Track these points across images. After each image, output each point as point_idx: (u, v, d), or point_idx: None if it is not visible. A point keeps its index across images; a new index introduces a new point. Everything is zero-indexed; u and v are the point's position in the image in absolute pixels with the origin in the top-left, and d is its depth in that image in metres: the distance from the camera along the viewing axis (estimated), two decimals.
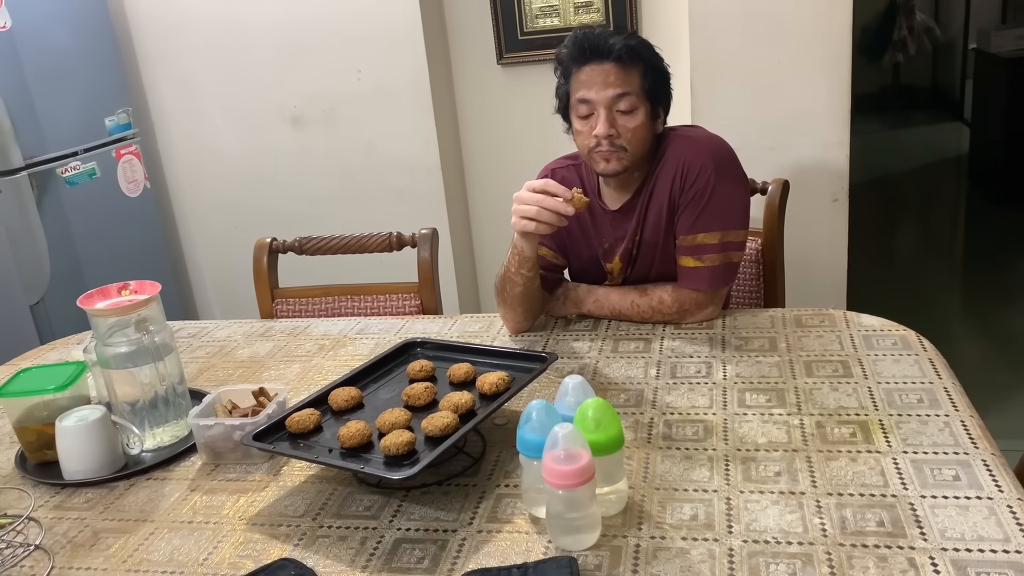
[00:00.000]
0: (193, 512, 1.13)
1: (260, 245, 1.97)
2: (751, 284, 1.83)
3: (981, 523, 0.93)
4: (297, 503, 1.12)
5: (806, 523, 0.97)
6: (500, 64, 2.81)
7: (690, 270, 1.51)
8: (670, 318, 1.53)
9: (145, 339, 1.27)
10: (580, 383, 1.07)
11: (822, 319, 1.49)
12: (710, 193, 1.47)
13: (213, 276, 3.26)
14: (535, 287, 1.52)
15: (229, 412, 1.29)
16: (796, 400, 1.24)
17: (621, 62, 1.44)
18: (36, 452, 1.28)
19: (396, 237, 1.92)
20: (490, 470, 1.14)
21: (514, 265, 1.49)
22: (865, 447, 1.10)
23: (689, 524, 0.99)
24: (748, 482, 1.05)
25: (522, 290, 1.51)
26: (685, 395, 1.29)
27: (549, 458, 0.94)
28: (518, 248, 1.47)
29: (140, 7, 2.95)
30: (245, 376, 1.55)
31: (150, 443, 1.30)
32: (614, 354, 1.45)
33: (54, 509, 1.17)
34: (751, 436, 1.15)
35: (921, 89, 7.19)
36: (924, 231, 4.79)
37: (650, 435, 1.19)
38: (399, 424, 1.14)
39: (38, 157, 2.59)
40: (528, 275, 1.49)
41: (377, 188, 2.89)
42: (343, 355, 1.59)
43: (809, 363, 1.34)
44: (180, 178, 3.15)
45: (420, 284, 1.90)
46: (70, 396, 1.29)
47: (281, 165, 2.97)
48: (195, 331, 1.80)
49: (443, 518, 1.05)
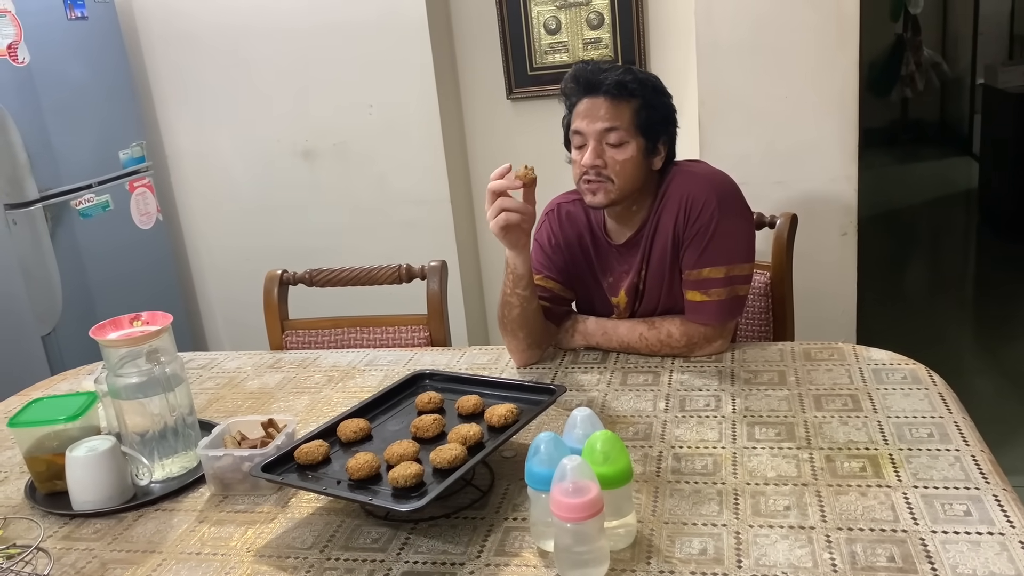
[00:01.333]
0: (201, 543, 1.13)
1: (271, 277, 1.99)
2: (760, 317, 1.83)
3: (993, 559, 0.92)
4: (305, 535, 1.12)
5: (816, 558, 0.96)
6: (509, 99, 2.84)
7: (697, 304, 1.51)
8: (679, 351, 1.53)
9: (156, 370, 1.27)
10: (588, 416, 1.07)
11: (831, 353, 1.49)
12: (714, 228, 1.48)
13: (223, 308, 3.28)
14: (533, 308, 1.52)
15: (238, 443, 1.29)
16: (806, 434, 1.23)
17: (612, 96, 1.46)
18: (46, 482, 1.28)
19: (406, 269, 1.93)
20: (498, 503, 1.14)
21: (509, 285, 1.51)
22: (875, 481, 1.09)
23: (698, 558, 0.98)
24: (757, 516, 1.05)
25: (519, 312, 1.51)
26: (694, 428, 1.28)
27: (557, 491, 0.94)
28: (510, 265, 1.48)
29: (154, 42, 3.01)
30: (254, 407, 1.55)
31: (159, 474, 1.30)
32: (623, 387, 1.45)
33: (63, 540, 1.17)
34: (760, 470, 1.15)
35: (929, 124, 7.22)
36: (933, 265, 4.78)
37: (659, 469, 1.18)
38: (407, 456, 1.14)
39: (53, 189, 2.63)
40: (524, 295, 1.50)
41: (387, 221, 2.92)
42: (352, 387, 1.60)
43: (818, 397, 1.34)
44: (192, 210, 3.18)
45: (429, 316, 1.91)
46: (80, 426, 1.29)
47: (292, 198, 3.00)
48: (205, 362, 1.81)
49: (451, 551, 1.05)
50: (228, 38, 2.90)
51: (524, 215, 1.39)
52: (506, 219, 1.38)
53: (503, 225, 1.39)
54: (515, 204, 1.38)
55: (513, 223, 1.39)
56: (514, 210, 1.38)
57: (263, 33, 2.85)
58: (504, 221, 1.39)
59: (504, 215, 1.38)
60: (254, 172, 3.02)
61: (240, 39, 2.89)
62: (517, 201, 1.38)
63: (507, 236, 1.42)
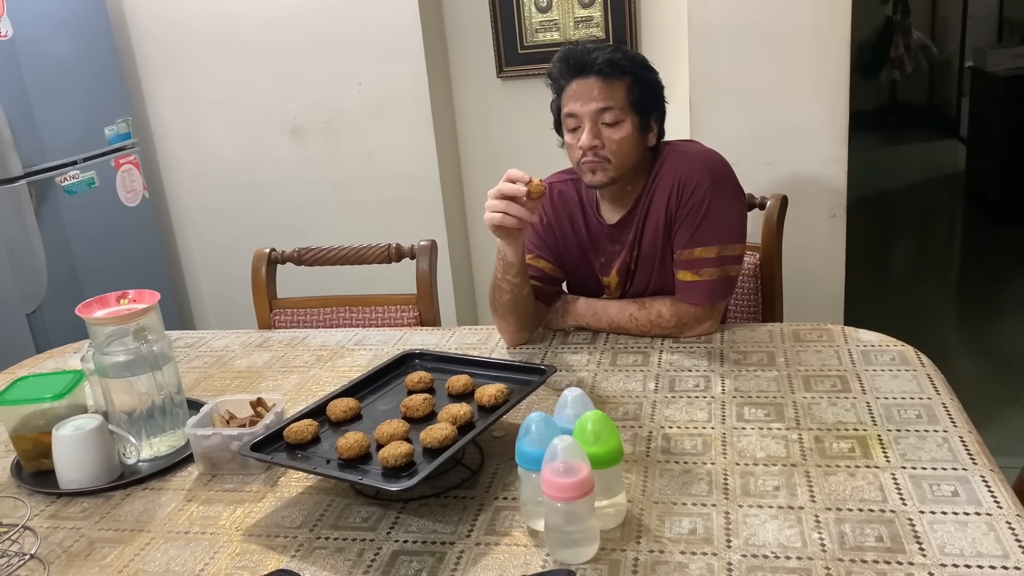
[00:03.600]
0: (190, 522, 1.12)
1: (259, 255, 1.97)
2: (749, 299, 1.83)
3: (980, 539, 0.93)
4: (294, 514, 1.11)
5: (805, 538, 0.96)
6: (500, 77, 2.82)
7: (688, 284, 1.51)
8: (668, 332, 1.53)
9: (143, 348, 1.26)
10: (579, 395, 1.07)
11: (820, 334, 1.49)
12: (706, 207, 1.48)
13: (210, 286, 3.26)
14: (524, 295, 1.52)
15: (227, 422, 1.29)
16: (795, 415, 1.24)
17: (604, 76, 1.45)
18: (32, 461, 1.27)
19: (395, 249, 1.92)
20: (488, 482, 1.14)
21: (499, 271, 1.50)
22: (864, 462, 1.10)
23: (688, 538, 0.98)
24: (747, 496, 1.05)
25: (510, 297, 1.51)
26: (684, 409, 1.29)
27: (548, 471, 0.94)
28: (501, 253, 1.48)
29: (141, 17, 2.96)
30: (243, 386, 1.55)
31: (147, 453, 1.29)
32: (612, 367, 1.45)
33: (50, 519, 1.16)
34: (750, 450, 1.15)
35: (918, 107, 7.24)
36: (921, 247, 4.81)
37: (649, 449, 1.18)
38: (397, 436, 1.14)
39: (37, 166, 2.59)
40: (514, 281, 1.49)
41: (376, 199, 2.90)
42: (341, 366, 1.59)
43: (807, 378, 1.34)
44: (179, 188, 3.15)
45: (419, 296, 1.90)
46: (67, 405, 1.28)
47: (280, 176, 2.98)
48: (192, 341, 1.80)
49: (441, 530, 1.05)
50: (216, 13, 2.85)
51: (525, 221, 1.38)
52: (501, 220, 1.38)
53: (497, 224, 1.38)
54: (519, 211, 1.37)
55: (508, 226, 1.38)
56: (515, 216, 1.37)
57: (251, 9, 2.81)
58: (500, 222, 1.38)
59: (503, 217, 1.37)
60: (242, 149, 2.99)
61: (228, 15, 2.84)
62: (520, 208, 1.37)
63: (500, 232, 1.42)
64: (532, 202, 1.38)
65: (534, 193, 1.36)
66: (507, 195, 1.37)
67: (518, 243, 1.46)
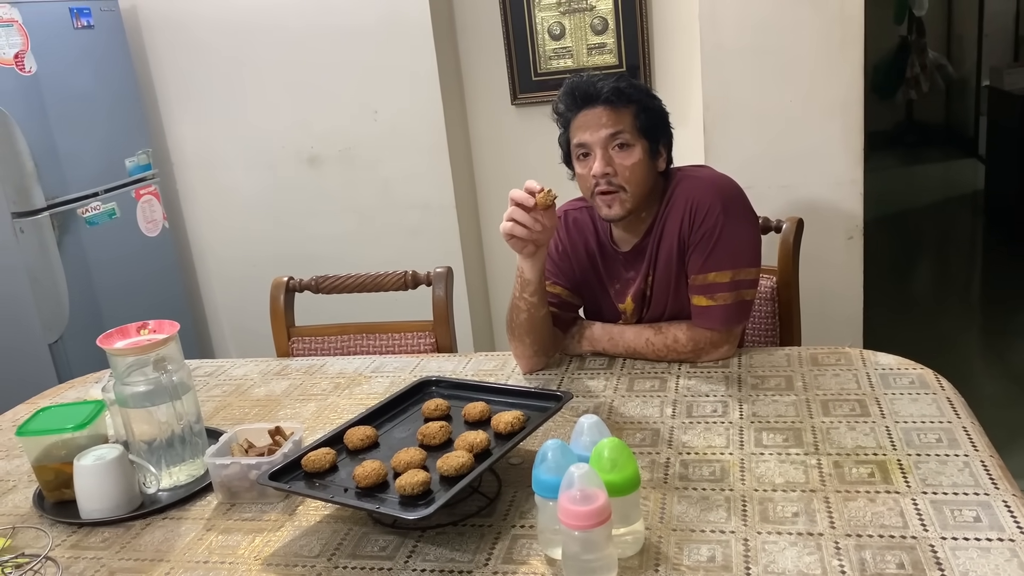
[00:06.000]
0: (209, 552, 1.13)
1: (277, 284, 1.99)
2: (767, 322, 1.82)
3: (1003, 565, 0.92)
4: (312, 543, 1.12)
5: (825, 565, 0.95)
6: (514, 104, 2.85)
7: (703, 309, 1.51)
8: (685, 357, 1.53)
9: (163, 378, 1.28)
10: (596, 423, 1.07)
11: (838, 357, 1.49)
12: (719, 232, 1.48)
13: (229, 315, 3.29)
14: (541, 316, 1.53)
15: (245, 451, 1.29)
16: (813, 440, 1.23)
17: (611, 104, 1.47)
18: (54, 491, 1.29)
19: (411, 276, 1.94)
20: (505, 510, 1.14)
21: (517, 289, 1.51)
22: (884, 487, 1.09)
23: (707, 566, 0.98)
24: (766, 523, 1.04)
25: (527, 317, 1.52)
26: (701, 434, 1.28)
27: (565, 499, 0.94)
28: (519, 270, 1.49)
29: (160, 50, 3.02)
30: (261, 415, 1.56)
31: (166, 482, 1.30)
32: (629, 392, 1.45)
33: (71, 548, 1.17)
34: (768, 476, 1.15)
35: (935, 126, 7.21)
36: (940, 268, 4.77)
37: (666, 475, 1.18)
38: (414, 464, 1.14)
39: (60, 198, 2.64)
40: (531, 300, 1.50)
41: (393, 227, 2.92)
42: (358, 393, 1.60)
43: (826, 402, 1.33)
44: (198, 218, 3.19)
45: (435, 322, 1.91)
46: (88, 435, 1.30)
47: (298, 204, 3.01)
48: (212, 370, 1.82)
49: (458, 559, 1.04)
50: (233, 45, 2.91)
51: (533, 231, 1.39)
52: (511, 229, 1.39)
53: (507, 232, 1.40)
54: (525, 219, 1.38)
55: (518, 235, 1.39)
56: (523, 224, 1.38)
57: (268, 40, 2.86)
58: (509, 230, 1.39)
59: (511, 225, 1.39)
60: (260, 179, 3.03)
61: (245, 46, 2.90)
62: (527, 217, 1.38)
63: (512, 243, 1.42)
64: (543, 214, 1.39)
65: (541, 202, 1.36)
66: (517, 202, 1.38)
67: (536, 260, 1.46)
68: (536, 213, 1.37)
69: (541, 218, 1.38)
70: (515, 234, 1.39)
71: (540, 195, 1.36)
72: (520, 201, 1.37)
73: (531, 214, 1.37)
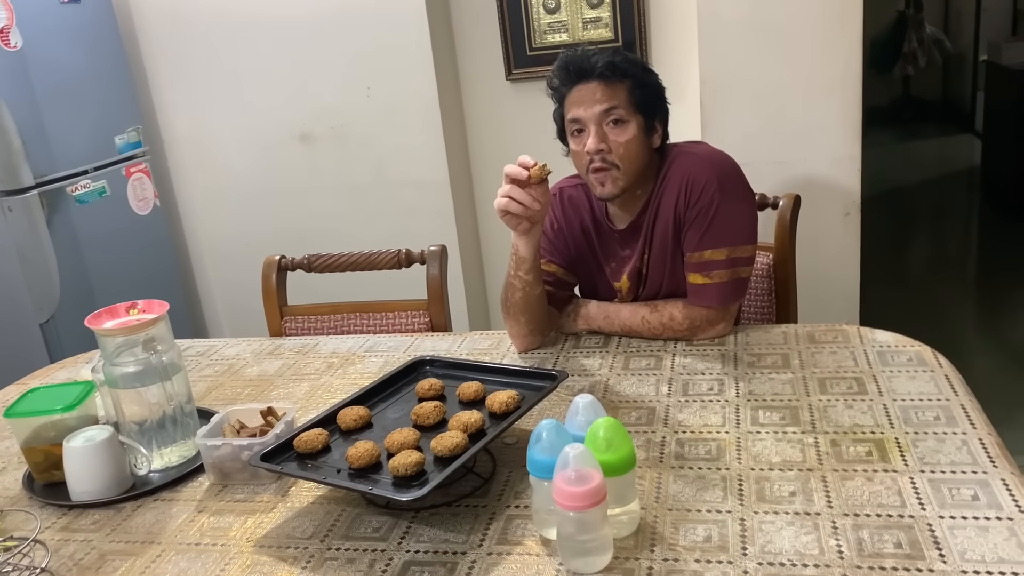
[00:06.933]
0: (200, 534, 1.11)
1: (269, 263, 1.97)
2: (763, 300, 1.81)
3: (1001, 544, 0.91)
4: (305, 525, 1.11)
5: (822, 544, 0.95)
6: (509, 80, 2.81)
7: (699, 287, 1.49)
8: (681, 335, 1.52)
9: (153, 359, 1.26)
10: (591, 402, 1.06)
11: (835, 335, 1.47)
12: (715, 209, 1.46)
13: (223, 293, 3.27)
14: (536, 294, 1.51)
15: (237, 432, 1.28)
16: (810, 418, 1.22)
17: (606, 79, 1.44)
18: (43, 473, 1.27)
19: (405, 254, 1.92)
20: (500, 490, 1.13)
21: (512, 267, 1.49)
22: (881, 466, 1.08)
23: (703, 546, 0.97)
24: (762, 502, 1.03)
25: (522, 295, 1.50)
26: (697, 413, 1.27)
27: (560, 479, 0.93)
28: (514, 248, 1.47)
29: (150, 25, 2.98)
30: (254, 395, 1.54)
31: (158, 463, 1.29)
32: (625, 371, 1.44)
33: (61, 531, 1.16)
34: (765, 455, 1.14)
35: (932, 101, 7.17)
36: (937, 244, 4.76)
37: (662, 454, 1.17)
38: (408, 444, 1.13)
39: (48, 176, 2.60)
40: (526, 279, 1.48)
41: (387, 205, 2.90)
42: (352, 373, 1.58)
43: (823, 380, 1.32)
44: (190, 195, 3.16)
45: (429, 301, 1.90)
46: (77, 416, 1.28)
47: (291, 182, 2.98)
48: (204, 349, 1.80)
49: (452, 540, 1.03)
50: (225, 21, 2.86)
51: (528, 207, 1.37)
52: (506, 205, 1.37)
53: (502, 208, 1.38)
54: (520, 195, 1.36)
55: (512, 211, 1.37)
56: (517, 200, 1.36)
57: (260, 16, 2.82)
58: (504, 206, 1.38)
59: (506, 201, 1.37)
60: (252, 156, 3.00)
61: (237, 22, 2.85)
62: (522, 193, 1.36)
63: (506, 220, 1.40)
64: (538, 190, 1.37)
65: (535, 176, 1.34)
66: (511, 177, 1.36)
67: (531, 237, 1.45)
68: (531, 189, 1.35)
69: (536, 194, 1.36)
70: (510, 210, 1.37)
71: (534, 169, 1.34)
72: (514, 176, 1.35)
73: (526, 190, 1.35)
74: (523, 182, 1.35)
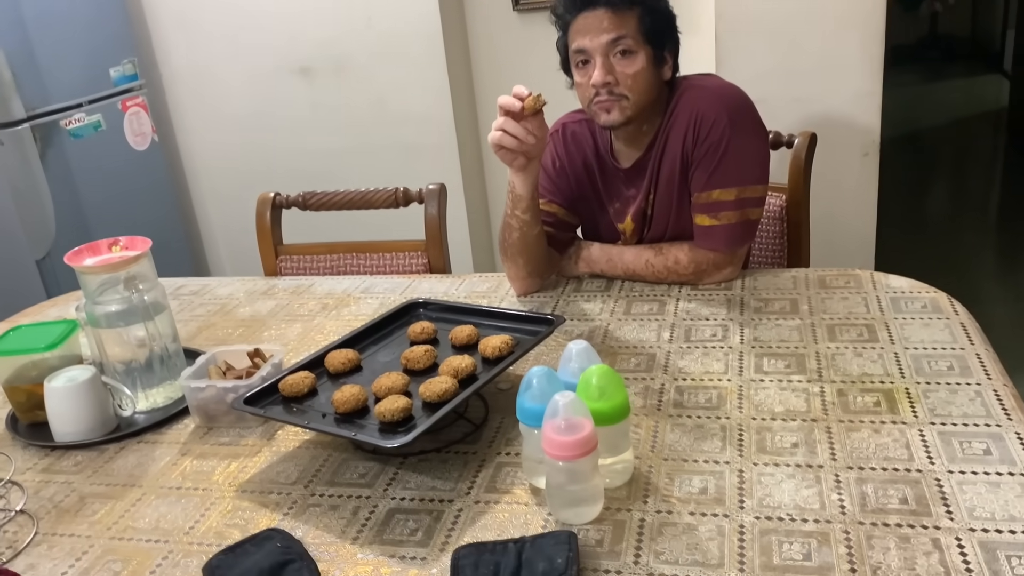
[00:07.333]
0: (182, 477, 1.09)
1: (263, 200, 1.92)
2: (774, 243, 1.74)
3: (1013, 501, 0.86)
4: (290, 469, 1.07)
5: (823, 499, 0.90)
6: (516, 10, 2.70)
7: (706, 229, 1.43)
8: (686, 279, 1.46)
9: (135, 297, 1.22)
10: (584, 348, 1.01)
11: (847, 280, 1.41)
12: (725, 147, 1.38)
13: (224, 232, 3.22)
14: (534, 235, 1.45)
15: (223, 373, 1.24)
16: (817, 366, 1.17)
17: (613, 6, 1.35)
18: (27, 412, 1.24)
19: (403, 193, 1.85)
20: (491, 437, 1.09)
21: (509, 206, 1.43)
22: (889, 417, 1.03)
23: (698, 498, 0.93)
24: (763, 453, 0.99)
25: (519, 236, 1.44)
26: (699, 360, 1.22)
27: (549, 428, 0.89)
28: (510, 186, 1.41)
29: None
30: (246, 335, 1.50)
31: (143, 404, 1.26)
32: (626, 316, 1.39)
33: (42, 472, 1.13)
34: (767, 404, 1.09)
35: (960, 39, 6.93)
36: (958, 188, 4.63)
37: (660, 402, 1.12)
38: (396, 389, 1.09)
39: (40, 108, 2.54)
40: (523, 218, 1.42)
41: (389, 143, 2.82)
42: (346, 315, 1.54)
43: (832, 327, 1.27)
44: (189, 131, 3.09)
45: (427, 242, 1.84)
46: (60, 355, 1.25)
47: (292, 118, 2.91)
48: (197, 288, 1.76)
49: (440, 487, 1.00)
50: None
51: (522, 141, 1.30)
52: (499, 139, 1.30)
53: (496, 143, 1.31)
54: (515, 128, 1.29)
55: (507, 145, 1.30)
56: (511, 133, 1.29)
57: None
58: (498, 140, 1.31)
59: (499, 135, 1.30)
60: (252, 91, 2.92)
61: None
62: (516, 126, 1.29)
63: (500, 155, 1.34)
64: (534, 123, 1.29)
65: (529, 107, 1.27)
66: (504, 108, 1.29)
67: (528, 174, 1.38)
68: (526, 122, 1.28)
69: (531, 127, 1.29)
70: (504, 145, 1.30)
71: (528, 100, 1.27)
72: (508, 107, 1.28)
73: (520, 122, 1.28)
74: (517, 114, 1.28)
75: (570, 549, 0.85)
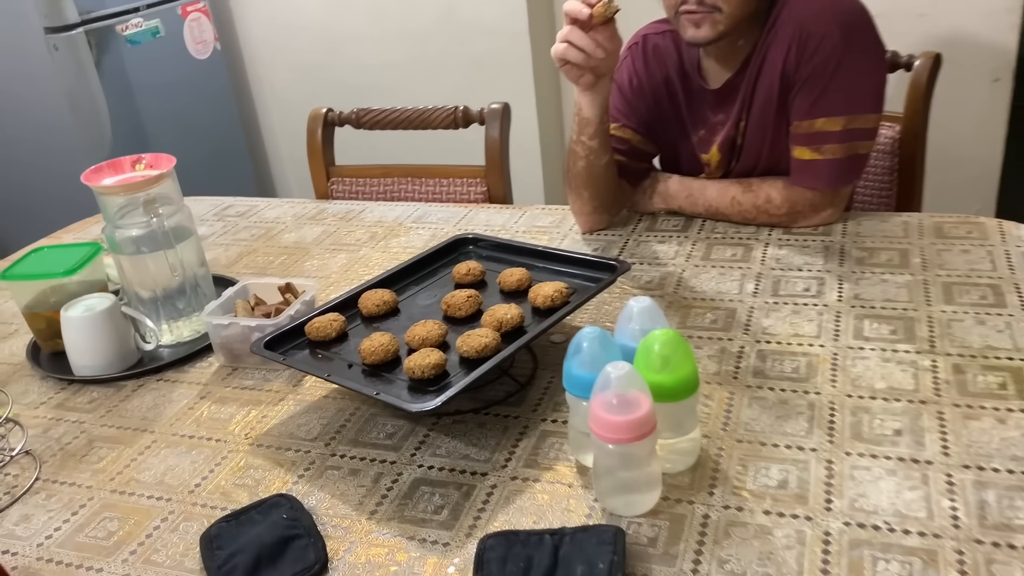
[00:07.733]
0: (197, 424, 0.99)
1: (314, 116, 1.78)
2: (882, 181, 1.53)
3: None
4: (312, 423, 0.96)
5: (931, 506, 0.74)
6: None
7: (806, 163, 1.23)
8: (778, 220, 1.27)
9: (155, 222, 1.11)
10: (648, 307, 0.85)
11: (970, 229, 1.21)
12: (834, 67, 1.17)
13: (290, 148, 3.12)
14: (602, 164, 1.28)
15: (252, 309, 1.14)
16: (929, 334, 0.98)
17: None
18: (48, 341, 1.17)
19: (463, 112, 1.69)
20: (537, 399, 0.95)
21: (575, 131, 1.27)
22: (1018, 404, 0.85)
23: (776, 493, 0.77)
24: (857, 441, 0.83)
25: (585, 165, 1.28)
26: (787, 319, 1.05)
27: (598, 404, 0.74)
28: (577, 107, 1.24)
29: None
30: (286, 264, 1.40)
31: (168, 338, 1.17)
32: (705, 262, 1.21)
33: (55, 408, 1.06)
34: (866, 379, 0.92)
35: None
36: None
37: (738, 369, 0.96)
38: (430, 341, 0.96)
39: (95, 12, 2.43)
40: (590, 145, 1.26)
41: (457, 55, 2.63)
42: (394, 246, 1.41)
43: (950, 286, 1.07)
44: (253, 40, 2.96)
45: (487, 168, 1.68)
46: (81, 281, 1.16)
47: (357, 28, 2.74)
48: (244, 209, 1.66)
49: (474, 456, 0.87)
50: None
51: (589, 54, 1.12)
52: (563, 52, 1.13)
53: (559, 56, 1.13)
54: (581, 40, 1.11)
55: (572, 60, 1.12)
56: (577, 45, 1.11)
57: None
58: (561, 53, 1.13)
59: (564, 47, 1.12)
60: None
61: None
62: (583, 36, 1.11)
63: (565, 70, 1.16)
64: (604, 35, 1.11)
65: (598, 16, 1.08)
66: (571, 16, 1.11)
67: (596, 94, 1.20)
68: (595, 32, 1.10)
69: (601, 38, 1.10)
70: (568, 59, 1.12)
71: (597, 7, 1.08)
72: (574, 15, 1.09)
73: (588, 33, 1.10)
74: (585, 23, 1.09)
75: (615, 552, 0.71)
